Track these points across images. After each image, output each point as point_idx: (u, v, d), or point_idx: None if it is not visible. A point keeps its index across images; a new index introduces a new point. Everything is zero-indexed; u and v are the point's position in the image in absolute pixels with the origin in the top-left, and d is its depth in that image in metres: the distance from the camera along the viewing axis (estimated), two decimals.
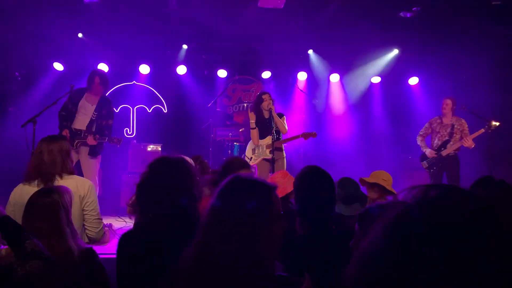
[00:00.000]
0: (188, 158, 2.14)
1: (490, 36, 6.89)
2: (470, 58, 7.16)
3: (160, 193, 1.93)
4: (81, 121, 5.52)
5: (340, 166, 8.01)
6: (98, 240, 3.01)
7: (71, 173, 2.97)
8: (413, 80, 8.49)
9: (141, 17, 6.91)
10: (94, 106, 5.55)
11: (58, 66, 7.53)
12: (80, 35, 7.47)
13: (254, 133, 5.92)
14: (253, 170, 3.67)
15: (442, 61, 7.91)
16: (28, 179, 2.89)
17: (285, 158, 5.94)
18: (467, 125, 6.00)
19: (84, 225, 2.92)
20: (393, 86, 8.65)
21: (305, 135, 5.85)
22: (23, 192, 2.81)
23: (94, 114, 5.55)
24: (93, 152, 5.53)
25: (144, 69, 8.03)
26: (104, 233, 3.06)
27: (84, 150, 5.48)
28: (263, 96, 5.87)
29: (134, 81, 8.30)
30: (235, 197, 1.39)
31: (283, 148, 5.95)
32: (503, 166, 6.65)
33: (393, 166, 7.79)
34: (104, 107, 5.62)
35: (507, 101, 7.00)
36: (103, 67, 7.77)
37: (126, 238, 1.99)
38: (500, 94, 7.03)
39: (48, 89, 7.53)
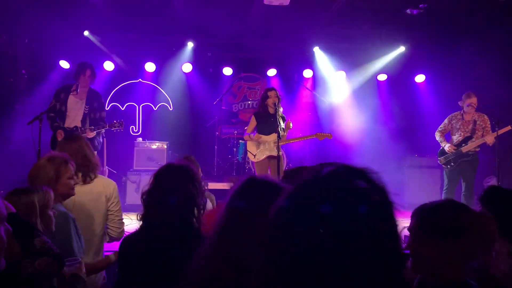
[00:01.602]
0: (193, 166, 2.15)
1: (498, 33, 6.82)
2: (478, 55, 7.09)
3: (162, 198, 1.97)
4: (74, 118, 5.46)
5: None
6: (119, 240, 3.02)
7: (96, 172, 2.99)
8: (420, 78, 8.43)
9: (146, 15, 6.91)
10: (84, 100, 5.51)
11: (64, 64, 7.56)
12: (86, 33, 7.49)
13: (247, 138, 5.92)
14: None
15: (449, 59, 7.85)
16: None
17: (284, 154, 5.89)
18: (489, 122, 5.80)
19: (106, 224, 2.92)
20: (400, 84, 8.60)
21: (320, 136, 5.79)
22: None
23: (86, 108, 5.50)
24: (92, 145, 5.49)
25: (150, 67, 8.04)
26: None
27: None
28: (269, 93, 5.82)
29: (140, 79, 8.31)
30: (259, 199, 1.31)
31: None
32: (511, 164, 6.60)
33: (399, 164, 7.75)
34: (94, 99, 5.58)
35: None
36: (109, 65, 7.79)
37: (128, 240, 2.06)
38: (510, 92, 6.95)
39: (55, 87, 7.54)
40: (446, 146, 5.91)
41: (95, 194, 2.86)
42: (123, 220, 3.06)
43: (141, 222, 2.08)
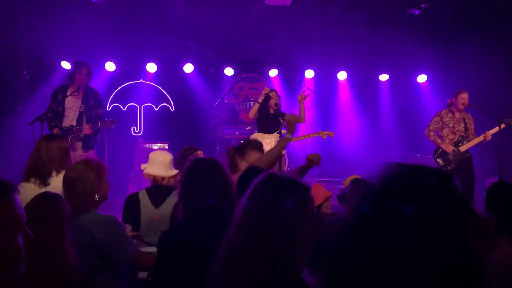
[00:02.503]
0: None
1: (500, 33, 6.80)
2: (480, 55, 7.07)
3: (193, 194, 1.99)
4: (71, 118, 5.50)
5: (348, 165, 7.97)
6: None
7: None
8: (422, 78, 8.41)
9: (147, 16, 6.91)
10: (80, 99, 5.54)
11: (65, 65, 7.55)
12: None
13: (256, 108, 5.83)
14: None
15: (451, 59, 7.82)
16: (26, 177, 2.89)
17: (286, 154, 5.91)
18: (473, 120, 5.80)
19: None
20: (402, 84, 8.58)
21: (323, 134, 5.82)
22: (22, 190, 2.78)
23: (82, 106, 5.53)
24: (87, 144, 5.50)
25: (151, 67, 8.03)
26: None
27: (79, 145, 5.48)
28: (271, 94, 5.82)
29: (141, 80, 8.31)
30: (271, 196, 1.33)
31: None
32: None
33: None
34: (90, 97, 5.60)
35: None
36: (110, 65, 7.79)
37: (168, 234, 2.08)
38: (511, 91, 6.93)
39: (56, 88, 7.58)
40: (446, 147, 5.73)
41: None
42: None
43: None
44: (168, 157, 3.22)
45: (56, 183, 2.81)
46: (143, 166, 3.25)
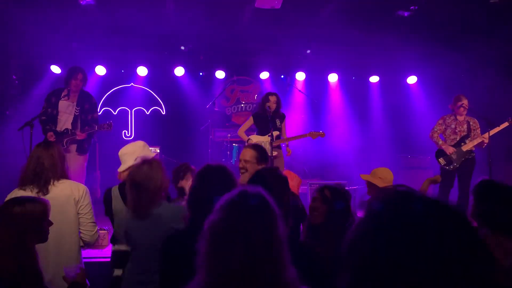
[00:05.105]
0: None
1: (490, 35, 6.87)
2: (469, 56, 7.15)
3: (201, 199, 2.02)
4: (65, 121, 5.48)
5: (339, 166, 8.00)
6: (93, 243, 2.98)
7: (66, 177, 2.93)
8: (412, 79, 8.48)
9: (138, 19, 6.88)
10: (75, 103, 5.52)
11: (55, 69, 7.51)
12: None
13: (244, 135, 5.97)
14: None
15: (441, 60, 7.90)
16: (23, 184, 2.81)
17: (283, 156, 5.93)
18: (479, 125, 5.88)
19: (79, 229, 2.88)
20: (392, 85, 8.64)
21: (313, 134, 5.83)
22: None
23: (77, 110, 5.52)
24: (81, 148, 5.47)
25: (142, 71, 8.01)
26: (99, 236, 3.03)
27: (73, 148, 5.45)
28: (270, 97, 5.81)
29: (132, 83, 8.28)
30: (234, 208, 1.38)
31: (281, 146, 5.93)
32: (504, 164, 6.63)
33: (392, 165, 7.76)
34: (85, 101, 5.59)
35: (506, 99, 6.99)
36: (100, 69, 7.75)
37: (172, 239, 2.09)
38: (500, 93, 7.01)
39: (46, 93, 7.48)
40: (447, 148, 5.89)
41: (64, 197, 2.80)
42: (96, 224, 2.99)
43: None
44: (136, 145, 3.26)
45: (55, 194, 2.79)
46: (119, 169, 3.22)
